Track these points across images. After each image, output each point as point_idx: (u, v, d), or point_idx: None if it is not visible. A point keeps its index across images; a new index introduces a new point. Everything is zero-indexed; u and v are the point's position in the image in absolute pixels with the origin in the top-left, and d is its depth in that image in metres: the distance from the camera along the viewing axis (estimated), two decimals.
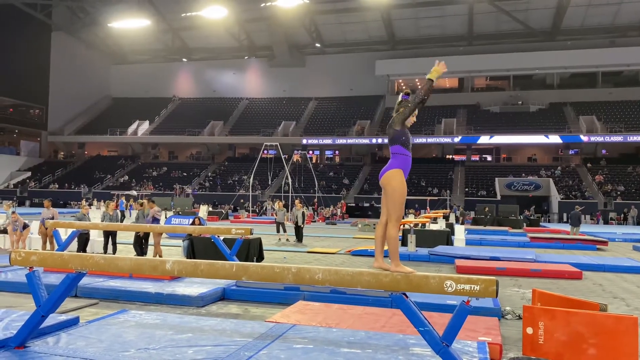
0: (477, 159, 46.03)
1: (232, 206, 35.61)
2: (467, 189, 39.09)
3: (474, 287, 3.60)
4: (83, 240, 11.14)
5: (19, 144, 49.80)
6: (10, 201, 28.66)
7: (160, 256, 10.62)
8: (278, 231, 16.68)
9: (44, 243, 11.82)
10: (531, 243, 17.13)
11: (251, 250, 10.80)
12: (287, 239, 16.38)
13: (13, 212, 12.64)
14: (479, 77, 49.74)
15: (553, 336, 4.42)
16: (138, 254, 11.10)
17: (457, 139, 42.63)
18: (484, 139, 42.42)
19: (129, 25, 46.83)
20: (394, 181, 3.94)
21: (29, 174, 46.76)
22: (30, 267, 4.51)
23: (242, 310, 6.77)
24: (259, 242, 11.20)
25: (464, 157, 44.90)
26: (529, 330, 4.51)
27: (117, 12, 45.61)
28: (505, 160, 44.76)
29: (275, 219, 17.33)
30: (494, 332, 5.35)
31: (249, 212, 32.54)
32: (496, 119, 44.54)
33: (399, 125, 4.03)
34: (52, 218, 11.60)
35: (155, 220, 11.36)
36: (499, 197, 35.86)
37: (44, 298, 4.41)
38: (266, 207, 34.60)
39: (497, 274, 9.72)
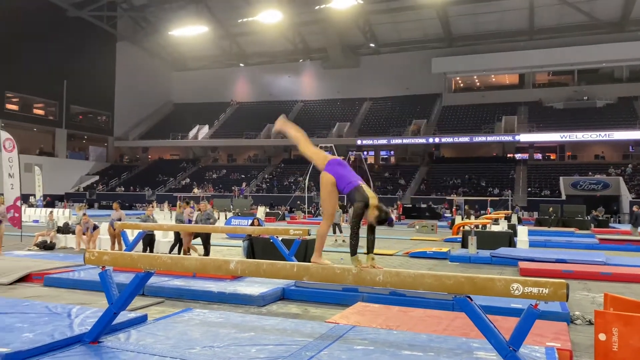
0: (540, 157, 44.34)
1: (289, 207, 36.03)
2: (529, 189, 37.73)
3: (542, 290, 3.47)
4: (148, 240, 11.62)
5: (87, 150, 52.50)
6: (82, 204, 30.27)
7: (193, 253, 11.15)
8: (334, 232, 16.74)
9: (113, 243, 12.39)
10: (600, 245, 16.31)
11: (308, 251, 10.87)
12: (344, 240, 16.40)
13: (84, 215, 13.36)
14: (540, 73, 47.85)
15: (628, 343, 4.19)
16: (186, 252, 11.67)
17: (518, 137, 41.21)
18: (547, 137, 40.85)
19: (189, 33, 48.40)
20: (321, 180, 4.29)
21: (97, 177, 49.18)
22: (102, 267, 4.75)
23: (302, 310, 6.83)
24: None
25: (526, 156, 43.34)
26: (602, 337, 4.30)
27: (177, 20, 47.25)
28: (570, 159, 42.85)
29: None
30: (563, 338, 5.14)
31: (305, 213, 32.80)
32: (560, 116, 42.75)
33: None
34: (120, 220, 12.15)
35: (189, 221, 11.95)
36: (563, 197, 34.36)
37: (115, 296, 4.62)
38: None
39: (563, 277, 9.30)
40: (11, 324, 5.03)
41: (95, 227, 13.14)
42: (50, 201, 37.60)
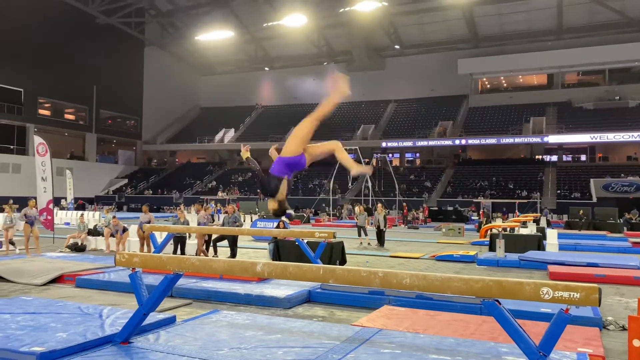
0: (570, 159, 43.44)
1: (314, 210, 36.08)
2: (558, 191, 36.99)
3: (573, 295, 3.40)
4: (178, 242, 11.82)
5: (117, 153, 53.55)
6: (110, 206, 30.86)
7: (206, 255, 11.52)
8: (359, 235, 16.71)
9: (142, 245, 12.60)
10: (634, 249, 15.88)
11: (334, 253, 10.87)
12: (369, 243, 16.37)
13: (114, 217, 13.63)
14: (570, 73, 46.88)
15: None
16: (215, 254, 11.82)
17: (546, 138, 40.43)
18: (577, 138, 39.99)
19: (215, 38, 49.02)
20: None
21: (125, 180, 50.12)
22: (132, 268, 4.84)
23: (328, 313, 6.83)
24: (341, 245, 11.26)
25: (555, 157, 42.51)
26: (636, 343, 4.19)
27: (204, 25, 47.90)
28: (601, 160, 41.86)
29: (357, 222, 17.36)
30: (595, 343, 5.02)
31: (330, 216, 32.80)
32: (590, 116, 41.82)
33: None
34: (149, 222, 12.36)
35: (204, 224, 12.17)
36: (594, 200, 33.59)
37: (145, 297, 4.70)
38: (343, 211, 34.63)
39: (595, 281, 9.07)
40: (46, 324, 5.17)
41: (124, 230, 13.39)
42: (82, 204, 38.45)
